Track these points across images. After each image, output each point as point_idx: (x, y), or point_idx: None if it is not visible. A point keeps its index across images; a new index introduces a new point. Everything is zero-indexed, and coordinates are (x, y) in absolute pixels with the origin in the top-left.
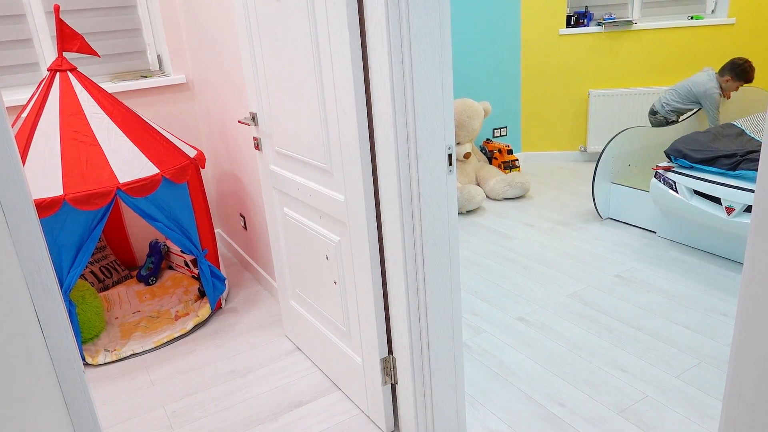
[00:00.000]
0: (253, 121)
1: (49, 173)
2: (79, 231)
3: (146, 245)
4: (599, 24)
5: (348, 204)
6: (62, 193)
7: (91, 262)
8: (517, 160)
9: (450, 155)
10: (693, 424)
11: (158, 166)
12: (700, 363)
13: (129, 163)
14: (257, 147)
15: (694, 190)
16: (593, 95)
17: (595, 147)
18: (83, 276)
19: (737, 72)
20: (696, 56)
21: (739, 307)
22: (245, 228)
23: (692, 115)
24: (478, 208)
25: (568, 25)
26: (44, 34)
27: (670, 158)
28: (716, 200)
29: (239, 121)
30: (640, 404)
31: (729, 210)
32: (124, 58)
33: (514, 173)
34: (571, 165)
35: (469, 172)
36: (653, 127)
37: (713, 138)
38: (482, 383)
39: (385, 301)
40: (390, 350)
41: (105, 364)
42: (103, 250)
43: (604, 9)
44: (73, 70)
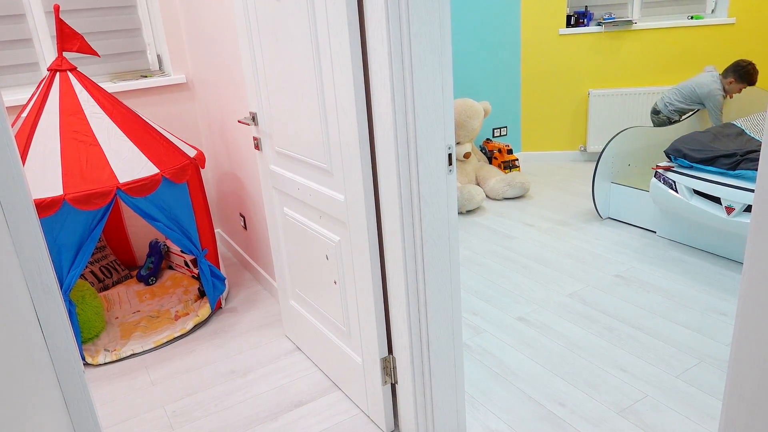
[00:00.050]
0: (253, 121)
1: (49, 173)
2: (79, 231)
3: (146, 245)
4: (599, 24)
5: (348, 204)
6: (62, 192)
7: (91, 262)
8: (517, 159)
9: (450, 155)
10: (693, 423)
11: (158, 166)
12: (700, 363)
13: (129, 163)
14: (257, 147)
15: (694, 190)
16: (593, 95)
17: (595, 147)
18: (83, 276)
19: (741, 74)
20: (696, 56)
21: (739, 306)
22: (245, 228)
23: (692, 114)
24: (478, 208)
25: (568, 24)
26: (44, 34)
27: (670, 158)
28: (716, 200)
29: (239, 121)
30: (640, 404)
31: (729, 210)
32: (124, 57)
33: (514, 173)
34: (570, 165)
35: (469, 172)
36: (655, 127)
37: (713, 138)
38: (482, 383)
39: (385, 300)
40: (390, 350)
41: (105, 364)
42: (103, 250)
43: (604, 9)
44: (73, 69)
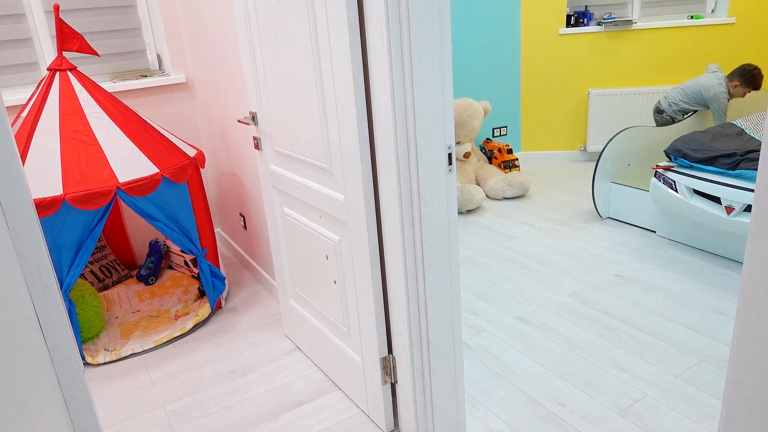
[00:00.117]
0: (253, 121)
1: (49, 173)
2: (79, 230)
3: (146, 245)
4: (599, 23)
5: (348, 203)
6: (62, 192)
7: (90, 262)
8: (517, 159)
9: (450, 155)
10: (693, 423)
11: (158, 166)
12: (699, 362)
13: (129, 163)
14: (257, 146)
15: (693, 190)
16: (593, 95)
17: (594, 146)
18: (83, 275)
19: (747, 78)
20: (696, 56)
21: (738, 306)
22: (245, 227)
23: (692, 114)
24: (477, 208)
25: (568, 24)
26: (44, 34)
27: (669, 158)
28: (716, 200)
29: (239, 121)
30: (639, 404)
31: (729, 209)
32: (123, 57)
33: (514, 173)
34: (570, 164)
35: (468, 172)
36: (657, 126)
37: (713, 137)
38: (482, 383)
39: (385, 300)
40: (390, 350)
41: (105, 363)
42: (102, 249)
43: (604, 8)
44: (73, 69)
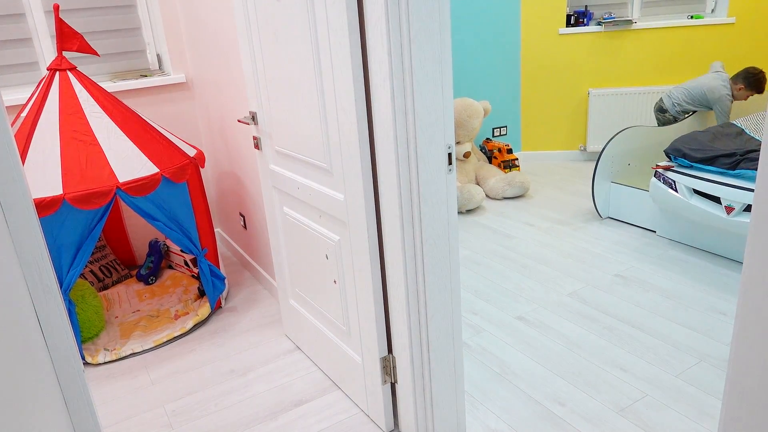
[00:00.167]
0: (253, 120)
1: (49, 172)
2: (79, 230)
3: (146, 244)
4: (599, 23)
5: (348, 203)
6: (62, 192)
7: (90, 262)
8: (517, 159)
9: (450, 154)
10: (692, 423)
11: (158, 166)
12: (699, 362)
13: (129, 163)
14: (257, 146)
15: (693, 190)
16: (593, 94)
17: (594, 146)
18: (83, 275)
19: (751, 82)
20: (696, 56)
21: (738, 306)
22: (245, 227)
23: (693, 114)
24: (477, 208)
25: (568, 24)
26: (44, 34)
27: (669, 157)
28: (716, 199)
29: (239, 120)
30: (639, 403)
31: (728, 209)
32: (123, 57)
33: (514, 172)
34: (570, 164)
35: (468, 172)
36: (659, 125)
37: (713, 137)
38: (482, 382)
39: (384, 300)
40: (390, 349)
41: (105, 363)
42: (102, 249)
43: (604, 8)
44: (73, 69)
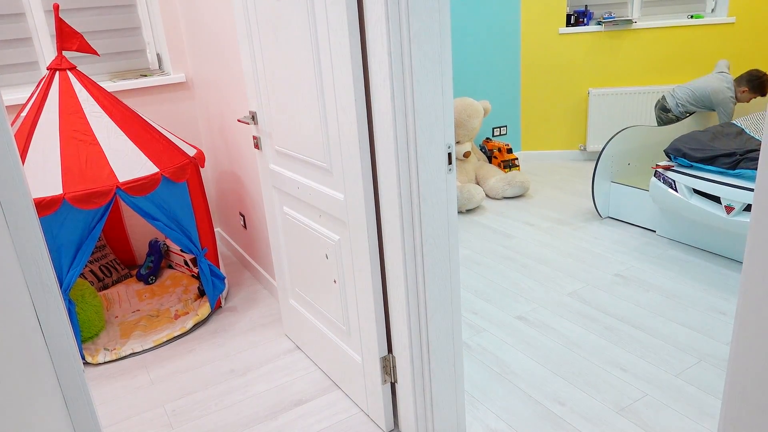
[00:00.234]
0: (253, 120)
1: (49, 172)
2: (79, 230)
3: (146, 244)
4: (599, 23)
5: (348, 203)
6: (62, 192)
7: (90, 261)
8: (517, 159)
9: (450, 154)
10: (692, 422)
11: (158, 165)
12: (699, 362)
13: (128, 162)
14: (257, 146)
15: (693, 189)
16: (593, 94)
17: (594, 146)
18: (83, 275)
19: (755, 85)
20: (696, 55)
21: (738, 305)
22: (245, 227)
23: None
24: (477, 207)
25: (568, 24)
26: (44, 33)
27: (669, 157)
28: (716, 199)
29: (239, 120)
30: (639, 403)
31: (728, 209)
32: (123, 57)
33: (514, 172)
34: (570, 164)
35: (468, 171)
36: (661, 125)
37: (713, 137)
38: (482, 382)
39: (384, 299)
40: (390, 349)
41: (105, 363)
42: (102, 249)
43: (604, 8)
44: (73, 69)
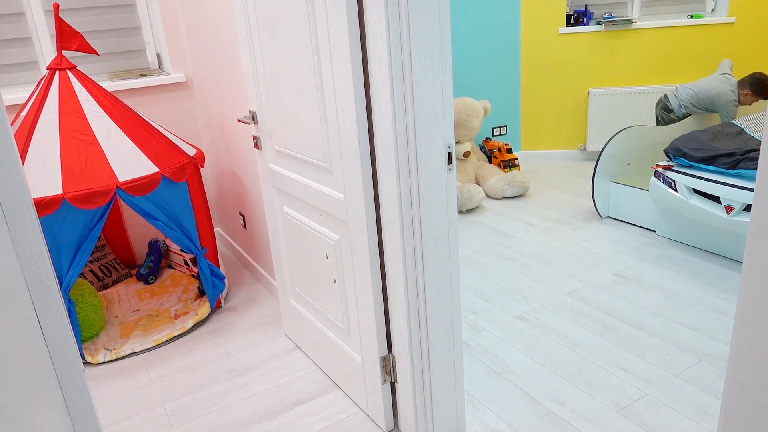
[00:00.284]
0: (253, 120)
1: (49, 172)
2: (79, 230)
3: (146, 244)
4: (599, 23)
5: (347, 202)
6: (61, 191)
7: (90, 261)
8: (517, 158)
9: (449, 154)
10: (692, 422)
11: (158, 165)
12: (699, 361)
13: (128, 162)
14: (257, 146)
15: (693, 189)
16: (593, 94)
17: (594, 146)
18: (83, 275)
19: (757, 88)
20: (696, 55)
21: (738, 305)
22: (245, 227)
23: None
24: (477, 207)
25: (568, 23)
26: (43, 33)
27: (669, 157)
28: (716, 199)
29: (239, 120)
30: (639, 403)
31: (728, 209)
32: (123, 56)
33: (514, 172)
34: (570, 164)
35: (468, 171)
36: (661, 124)
37: (713, 137)
38: (482, 382)
39: (384, 299)
40: (389, 349)
41: (104, 362)
42: (102, 248)
43: (604, 8)
44: (73, 68)
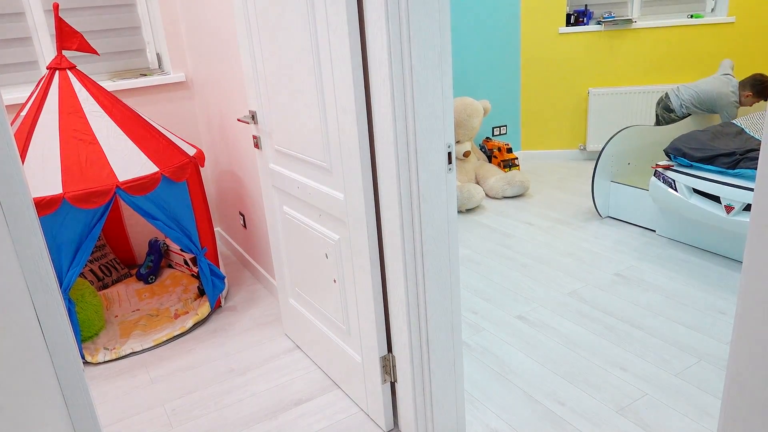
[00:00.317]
0: (253, 120)
1: (49, 172)
2: (79, 229)
3: (146, 244)
4: (599, 23)
5: (347, 202)
6: (61, 191)
7: (90, 261)
8: (517, 158)
9: (449, 153)
10: (692, 422)
11: (158, 165)
12: (699, 361)
13: (128, 162)
14: (257, 145)
15: (693, 189)
16: (593, 94)
17: (594, 145)
18: (83, 274)
19: (758, 89)
20: (695, 55)
21: (738, 305)
22: (245, 226)
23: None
24: (477, 207)
25: (568, 23)
26: (43, 33)
27: (669, 157)
28: (715, 199)
29: (239, 120)
30: (639, 402)
31: (728, 208)
32: (123, 56)
33: (514, 172)
34: (570, 163)
35: (468, 171)
36: (661, 124)
37: (713, 136)
38: (482, 381)
39: (384, 299)
40: (389, 349)
41: (104, 362)
42: (102, 248)
43: (604, 7)
44: (73, 68)
